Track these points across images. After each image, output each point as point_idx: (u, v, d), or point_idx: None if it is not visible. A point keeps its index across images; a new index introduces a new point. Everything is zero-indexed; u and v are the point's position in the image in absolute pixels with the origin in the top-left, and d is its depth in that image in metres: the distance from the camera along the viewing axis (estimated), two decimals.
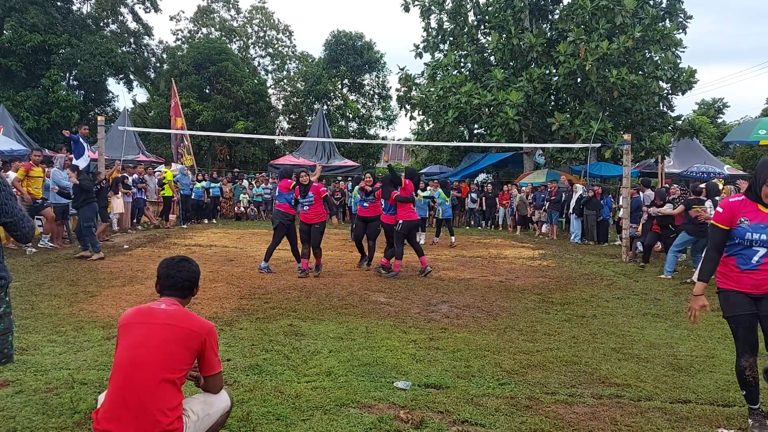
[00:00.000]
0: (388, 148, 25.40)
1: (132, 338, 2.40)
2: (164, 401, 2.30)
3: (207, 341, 2.48)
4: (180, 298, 2.64)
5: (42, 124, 25.65)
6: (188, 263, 2.69)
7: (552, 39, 20.37)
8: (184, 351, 2.40)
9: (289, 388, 3.69)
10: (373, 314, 5.94)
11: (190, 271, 2.66)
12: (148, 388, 2.29)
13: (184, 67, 29.44)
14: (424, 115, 23.77)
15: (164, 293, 2.64)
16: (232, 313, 5.72)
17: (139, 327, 2.43)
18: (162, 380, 2.32)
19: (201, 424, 2.47)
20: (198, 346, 2.45)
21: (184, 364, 2.41)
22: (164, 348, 2.36)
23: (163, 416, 2.29)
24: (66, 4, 29.20)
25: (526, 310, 6.40)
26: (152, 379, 2.30)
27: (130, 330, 2.44)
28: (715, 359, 4.66)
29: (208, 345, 2.49)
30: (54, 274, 7.57)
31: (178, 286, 2.63)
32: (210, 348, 2.50)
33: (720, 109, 35.04)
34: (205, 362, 2.50)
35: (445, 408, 3.45)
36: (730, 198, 3.46)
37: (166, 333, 2.40)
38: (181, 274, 2.63)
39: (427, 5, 22.78)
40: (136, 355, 2.34)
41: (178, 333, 2.41)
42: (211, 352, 2.50)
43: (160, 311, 2.49)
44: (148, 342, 2.37)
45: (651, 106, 18.77)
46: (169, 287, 2.63)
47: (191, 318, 2.51)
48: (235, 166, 28.51)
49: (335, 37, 32.85)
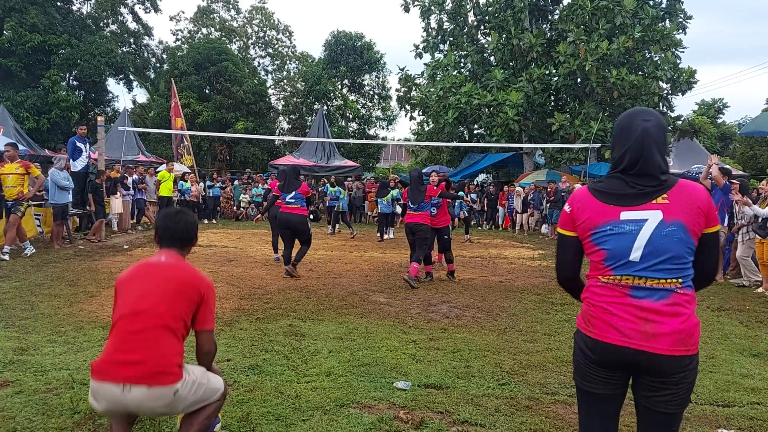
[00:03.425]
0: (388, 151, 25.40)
1: (133, 290, 2.45)
2: (166, 346, 2.37)
3: (206, 295, 2.53)
4: (178, 249, 2.66)
5: (42, 125, 25.63)
6: (186, 215, 2.72)
7: (552, 39, 20.37)
8: (184, 300, 2.45)
9: (289, 388, 3.69)
10: (373, 314, 5.94)
11: (187, 223, 2.68)
12: (151, 333, 2.36)
13: (184, 68, 29.43)
14: (424, 115, 23.77)
15: (163, 245, 2.65)
16: (232, 314, 5.72)
17: (139, 280, 2.49)
18: (163, 326, 2.38)
19: (197, 389, 2.47)
20: (197, 298, 2.49)
21: (185, 315, 2.45)
22: (165, 297, 2.42)
23: (165, 358, 2.36)
24: (66, 4, 29.19)
25: (526, 310, 6.40)
26: (154, 326, 2.37)
27: (131, 284, 2.49)
28: (715, 359, 4.66)
29: (206, 299, 2.53)
30: (54, 274, 7.57)
31: (177, 237, 2.65)
32: (207, 303, 2.53)
33: (720, 110, 35.01)
34: (200, 316, 2.52)
35: (445, 408, 3.45)
36: None
37: (167, 283, 2.46)
38: (179, 226, 2.65)
39: (427, 5, 22.77)
40: (138, 304, 2.40)
41: (178, 283, 2.47)
42: (207, 307, 2.54)
43: (160, 264, 2.56)
44: (149, 292, 2.42)
45: (651, 106, 18.73)
46: (168, 239, 2.65)
47: (191, 270, 2.57)
48: (235, 167, 28.51)
49: (335, 37, 32.84)
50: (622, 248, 1.88)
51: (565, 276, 2.12)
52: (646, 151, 1.91)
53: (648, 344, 1.82)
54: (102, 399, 2.34)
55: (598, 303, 1.94)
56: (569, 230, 2.04)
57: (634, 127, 1.95)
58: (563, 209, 2.08)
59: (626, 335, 1.85)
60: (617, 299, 1.89)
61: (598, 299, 1.94)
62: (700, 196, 1.91)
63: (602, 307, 1.92)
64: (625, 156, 1.94)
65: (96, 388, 2.34)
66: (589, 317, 1.96)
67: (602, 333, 1.90)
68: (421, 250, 7.79)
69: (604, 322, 1.90)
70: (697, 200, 1.89)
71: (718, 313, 6.59)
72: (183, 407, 2.44)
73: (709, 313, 6.56)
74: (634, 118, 1.98)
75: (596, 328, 1.92)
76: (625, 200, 1.91)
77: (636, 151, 1.92)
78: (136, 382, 2.28)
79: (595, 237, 1.94)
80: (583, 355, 1.98)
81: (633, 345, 1.84)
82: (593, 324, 1.93)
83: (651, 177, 1.91)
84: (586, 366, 1.97)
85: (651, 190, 1.90)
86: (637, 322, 1.85)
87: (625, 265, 1.88)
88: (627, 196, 1.92)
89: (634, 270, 1.87)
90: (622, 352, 1.86)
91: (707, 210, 1.90)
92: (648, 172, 1.91)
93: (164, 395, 2.33)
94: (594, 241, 1.95)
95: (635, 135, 1.93)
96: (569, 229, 2.04)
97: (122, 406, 2.33)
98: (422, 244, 7.80)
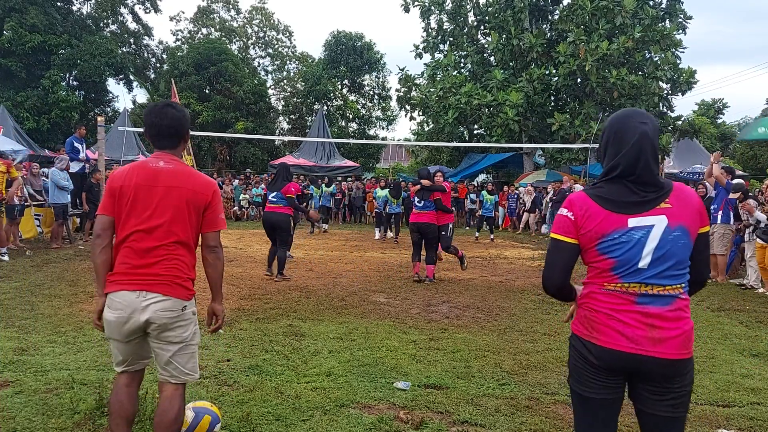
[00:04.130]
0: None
1: (139, 203, 2.41)
2: (180, 259, 2.43)
3: (212, 200, 2.50)
4: (171, 149, 2.54)
5: (42, 125, 25.64)
6: (172, 109, 2.53)
7: (552, 39, 20.38)
8: (192, 212, 2.45)
9: (289, 388, 3.69)
10: (373, 315, 5.94)
11: (174, 117, 2.50)
12: (166, 249, 2.40)
13: (184, 68, 29.44)
14: (424, 115, 23.76)
15: (155, 144, 2.54)
16: (232, 314, 5.72)
17: (144, 192, 2.42)
18: (176, 242, 2.42)
19: (193, 336, 2.52)
20: (203, 204, 2.48)
21: (195, 225, 2.48)
22: (176, 213, 2.41)
23: (180, 271, 2.42)
24: (66, 4, 29.19)
25: (526, 310, 6.40)
26: (168, 242, 2.40)
27: (135, 194, 2.41)
28: (715, 359, 4.66)
29: (212, 204, 2.51)
30: (54, 275, 7.57)
31: (165, 134, 2.50)
32: (212, 207, 2.50)
33: (720, 110, 35.00)
34: (207, 218, 2.51)
35: (445, 408, 3.45)
36: None
37: (174, 196, 2.42)
38: (165, 122, 2.48)
39: (427, 6, 22.77)
40: (149, 221, 2.39)
41: (185, 194, 2.43)
42: (213, 211, 2.51)
43: (160, 171, 2.45)
44: (159, 208, 2.40)
45: (651, 106, 18.77)
46: (156, 136, 2.51)
47: (193, 176, 2.50)
48: (235, 167, 28.51)
49: (335, 37, 32.85)
50: (631, 256, 1.84)
51: (555, 283, 2.03)
52: (643, 156, 1.85)
53: (655, 349, 1.80)
54: (116, 308, 2.37)
55: (601, 309, 1.89)
56: (570, 237, 1.94)
57: (631, 130, 1.88)
58: (561, 214, 1.97)
59: (634, 341, 1.82)
60: (623, 306, 1.85)
61: (602, 305, 1.89)
62: (695, 198, 1.90)
63: (607, 314, 1.87)
64: (620, 161, 1.87)
65: (112, 297, 2.39)
66: (592, 323, 1.91)
67: (609, 340, 1.85)
68: (432, 250, 8.08)
69: (610, 328, 1.86)
70: (694, 202, 1.88)
71: (718, 313, 6.59)
72: (178, 339, 2.44)
73: (709, 313, 6.56)
74: (630, 120, 1.91)
75: (602, 335, 1.87)
76: (631, 207, 1.85)
77: (633, 156, 1.86)
78: (151, 289, 2.36)
79: (603, 245, 1.87)
80: (584, 361, 1.93)
81: (641, 351, 1.81)
82: (598, 330, 1.88)
83: (650, 183, 1.86)
84: (587, 372, 1.92)
85: (654, 196, 1.86)
86: (643, 328, 1.82)
87: (634, 273, 1.84)
88: (632, 203, 1.85)
89: (643, 278, 1.83)
90: (631, 358, 1.83)
91: (702, 211, 1.89)
92: (647, 179, 1.86)
93: (174, 307, 2.40)
94: (601, 250, 1.88)
95: (632, 138, 1.87)
96: (570, 236, 1.94)
97: (135, 316, 2.35)
98: (433, 244, 8.06)
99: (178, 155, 2.57)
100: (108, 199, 2.46)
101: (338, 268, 9.14)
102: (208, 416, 2.88)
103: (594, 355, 1.89)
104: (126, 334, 2.41)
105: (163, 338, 2.42)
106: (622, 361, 1.85)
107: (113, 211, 2.44)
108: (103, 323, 2.45)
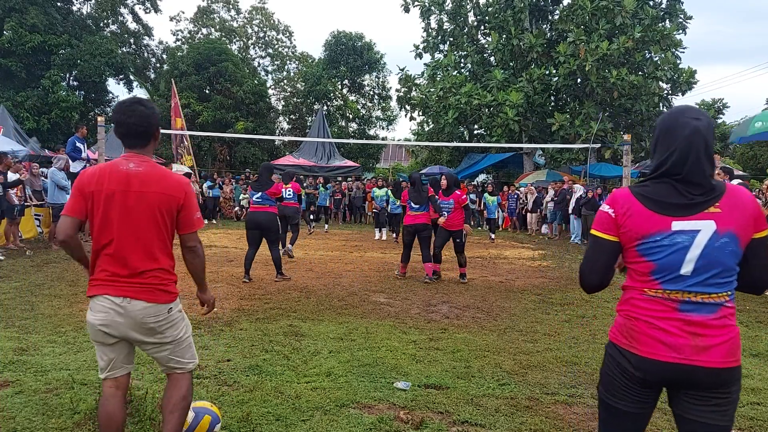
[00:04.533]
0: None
1: (115, 212, 2.37)
2: (160, 264, 2.42)
3: (184, 200, 2.44)
4: (140, 147, 2.46)
5: (42, 125, 25.62)
6: (141, 106, 2.45)
7: (552, 39, 20.38)
8: (167, 215, 2.42)
9: (289, 388, 3.69)
10: (373, 315, 5.94)
11: (142, 115, 2.42)
12: (145, 255, 2.38)
13: (184, 68, 29.42)
14: (424, 115, 23.78)
15: (124, 143, 2.46)
16: (232, 314, 5.72)
17: (119, 197, 2.36)
18: (156, 248, 2.41)
19: (185, 330, 2.53)
20: (176, 206, 2.43)
21: (170, 227, 2.45)
22: (151, 220, 2.38)
23: (161, 277, 2.42)
24: (66, 4, 29.18)
25: (526, 310, 6.40)
26: (148, 249, 2.39)
27: (110, 200, 2.37)
28: None
29: (185, 204, 2.44)
30: (54, 275, 7.57)
31: (133, 132, 2.43)
32: (186, 207, 2.45)
33: (720, 110, 34.99)
34: (181, 220, 2.47)
35: (445, 408, 3.45)
36: None
37: (147, 202, 2.37)
38: (132, 119, 2.41)
39: (427, 6, 22.79)
40: (125, 231, 2.37)
41: (157, 199, 2.39)
42: (187, 211, 2.46)
43: (132, 174, 2.38)
44: (134, 219, 2.37)
45: (651, 106, 18.78)
46: (124, 134, 2.44)
47: (166, 179, 2.43)
48: (235, 167, 28.50)
49: (335, 37, 32.85)
50: (673, 261, 1.74)
51: (594, 283, 1.90)
52: (693, 154, 1.74)
53: (700, 358, 1.71)
54: (98, 311, 2.37)
55: (642, 317, 1.79)
56: (611, 234, 1.83)
57: (682, 126, 1.77)
58: (603, 210, 1.87)
59: (677, 350, 1.73)
60: (665, 314, 1.76)
61: (642, 313, 1.79)
62: (748, 202, 1.77)
63: (648, 322, 1.77)
64: (670, 158, 1.76)
65: (94, 301, 2.39)
66: (632, 332, 1.80)
67: (651, 350, 1.76)
68: (427, 249, 8.26)
69: (651, 337, 1.76)
70: (747, 206, 1.76)
71: None
72: (170, 338, 2.45)
73: None
74: (682, 115, 1.80)
75: (643, 345, 1.78)
76: (676, 209, 1.74)
77: (683, 153, 1.74)
78: (136, 296, 2.35)
79: (643, 247, 1.78)
80: (621, 371, 1.83)
81: (685, 360, 1.72)
82: (638, 340, 1.79)
83: (699, 185, 1.75)
84: (622, 383, 1.82)
85: (702, 200, 1.74)
86: (686, 336, 1.73)
87: (675, 279, 1.75)
88: (678, 205, 1.74)
89: (686, 285, 1.74)
90: (673, 368, 1.74)
91: (757, 215, 1.77)
92: (695, 179, 1.74)
93: (160, 311, 2.40)
94: (641, 251, 1.79)
95: (684, 134, 1.76)
96: (611, 233, 1.83)
97: (117, 319, 2.35)
98: (428, 243, 8.27)
99: (149, 154, 2.51)
100: (78, 200, 2.39)
101: (338, 268, 9.14)
102: (208, 416, 2.88)
103: (633, 366, 1.79)
104: (108, 338, 2.41)
105: (156, 341, 2.43)
106: (664, 371, 1.76)
107: (84, 213, 2.40)
108: (87, 327, 2.46)
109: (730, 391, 1.76)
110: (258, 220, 7.67)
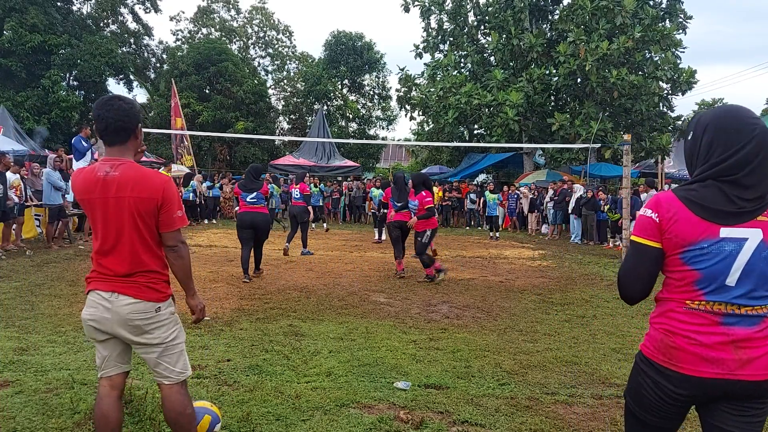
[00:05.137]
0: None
1: (100, 221, 2.39)
2: (150, 266, 2.41)
3: (163, 199, 2.37)
4: (120, 144, 2.41)
5: (42, 125, 25.63)
6: (120, 101, 2.41)
7: (552, 39, 20.38)
8: (146, 218, 2.38)
9: (289, 388, 3.69)
10: (373, 314, 5.94)
11: (121, 110, 2.37)
12: (130, 260, 2.38)
13: (184, 68, 29.44)
14: (424, 115, 23.78)
15: (104, 140, 2.42)
16: (232, 314, 5.72)
17: (100, 204, 2.37)
18: (142, 252, 2.39)
19: (178, 334, 2.51)
20: (154, 207, 2.39)
21: (153, 229, 2.42)
22: (134, 226, 2.37)
23: (151, 276, 2.41)
24: (66, 4, 29.19)
25: (526, 310, 6.40)
26: (135, 252, 2.38)
27: (95, 208, 2.39)
28: None
29: (165, 202, 2.38)
30: (54, 275, 7.57)
31: (112, 128, 2.37)
32: (166, 205, 2.39)
33: None
34: (162, 219, 2.41)
35: (445, 408, 3.45)
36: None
37: (125, 207, 2.34)
38: (111, 114, 2.35)
39: (427, 5, 22.78)
40: (111, 238, 2.38)
41: (134, 203, 2.35)
42: (167, 210, 2.40)
43: (109, 180, 2.34)
44: (114, 222, 2.36)
45: (651, 106, 18.77)
46: (103, 131, 2.38)
47: (142, 181, 2.36)
48: (235, 167, 28.51)
49: (335, 37, 32.86)
50: (718, 270, 1.64)
51: (636, 294, 1.79)
52: (761, 155, 1.62)
53: (743, 372, 1.64)
54: (90, 306, 2.40)
55: (682, 332, 1.69)
56: (654, 240, 1.72)
57: (749, 126, 1.64)
58: (645, 215, 1.74)
59: (720, 365, 1.65)
60: (706, 328, 1.67)
61: (683, 327, 1.70)
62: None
63: (689, 338, 1.68)
64: (731, 158, 1.64)
65: (89, 297, 2.43)
66: (670, 348, 1.71)
67: (693, 367, 1.67)
68: (417, 243, 8.30)
69: (693, 354, 1.67)
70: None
71: None
72: (158, 340, 2.43)
73: None
74: (744, 115, 1.68)
75: (684, 362, 1.69)
76: (725, 217, 1.64)
77: (749, 154, 1.62)
78: (123, 292, 2.36)
79: (687, 255, 1.67)
80: (658, 389, 1.74)
81: (729, 375, 1.64)
82: (678, 357, 1.70)
83: (754, 188, 1.63)
84: (659, 400, 1.74)
85: (752, 207, 1.64)
86: (728, 350, 1.65)
87: (720, 290, 1.65)
88: (727, 212, 1.64)
89: (730, 297, 1.65)
90: (717, 384, 1.66)
91: None
92: (752, 184, 1.63)
93: (147, 309, 2.38)
94: (684, 259, 1.68)
95: (752, 134, 1.63)
96: (654, 239, 1.72)
97: (106, 315, 2.37)
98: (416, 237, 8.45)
99: (130, 153, 2.45)
100: (83, 206, 2.49)
101: (338, 268, 9.14)
102: (208, 416, 2.89)
103: (674, 384, 1.71)
104: (98, 333, 2.43)
105: (144, 341, 2.42)
106: (706, 387, 1.68)
107: None
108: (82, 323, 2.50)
109: (766, 401, 1.70)
110: (254, 221, 7.73)
